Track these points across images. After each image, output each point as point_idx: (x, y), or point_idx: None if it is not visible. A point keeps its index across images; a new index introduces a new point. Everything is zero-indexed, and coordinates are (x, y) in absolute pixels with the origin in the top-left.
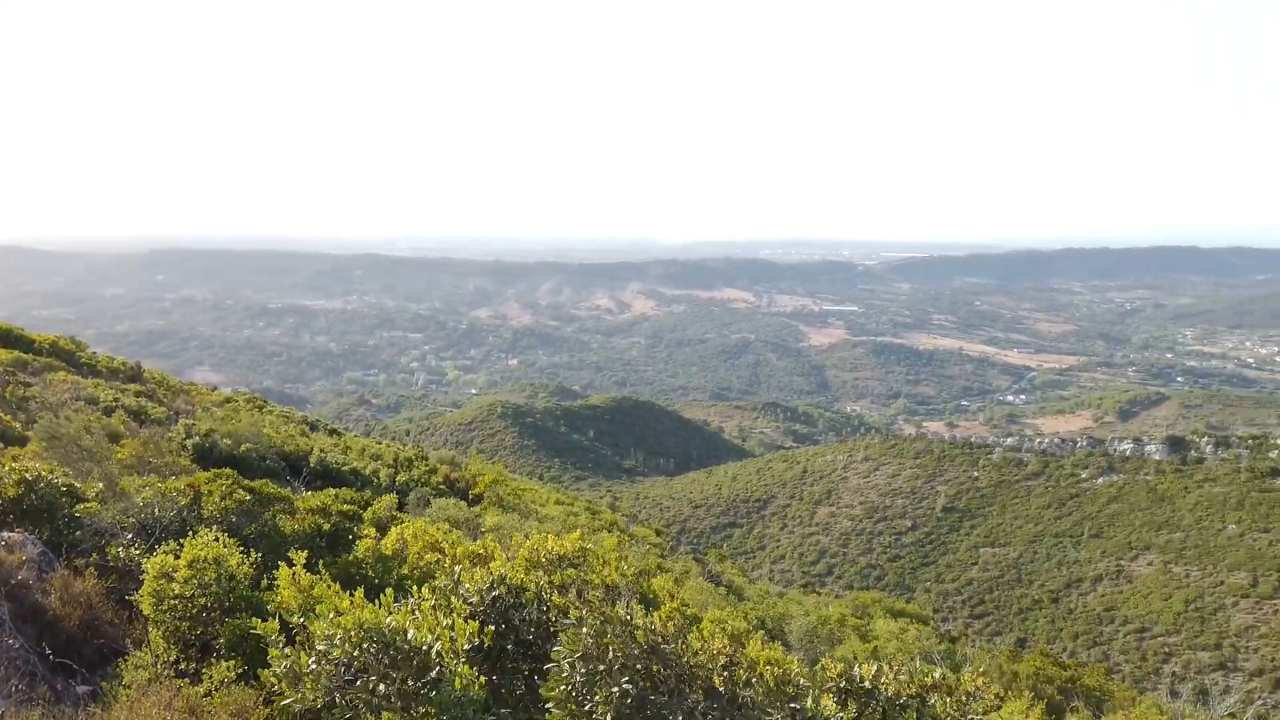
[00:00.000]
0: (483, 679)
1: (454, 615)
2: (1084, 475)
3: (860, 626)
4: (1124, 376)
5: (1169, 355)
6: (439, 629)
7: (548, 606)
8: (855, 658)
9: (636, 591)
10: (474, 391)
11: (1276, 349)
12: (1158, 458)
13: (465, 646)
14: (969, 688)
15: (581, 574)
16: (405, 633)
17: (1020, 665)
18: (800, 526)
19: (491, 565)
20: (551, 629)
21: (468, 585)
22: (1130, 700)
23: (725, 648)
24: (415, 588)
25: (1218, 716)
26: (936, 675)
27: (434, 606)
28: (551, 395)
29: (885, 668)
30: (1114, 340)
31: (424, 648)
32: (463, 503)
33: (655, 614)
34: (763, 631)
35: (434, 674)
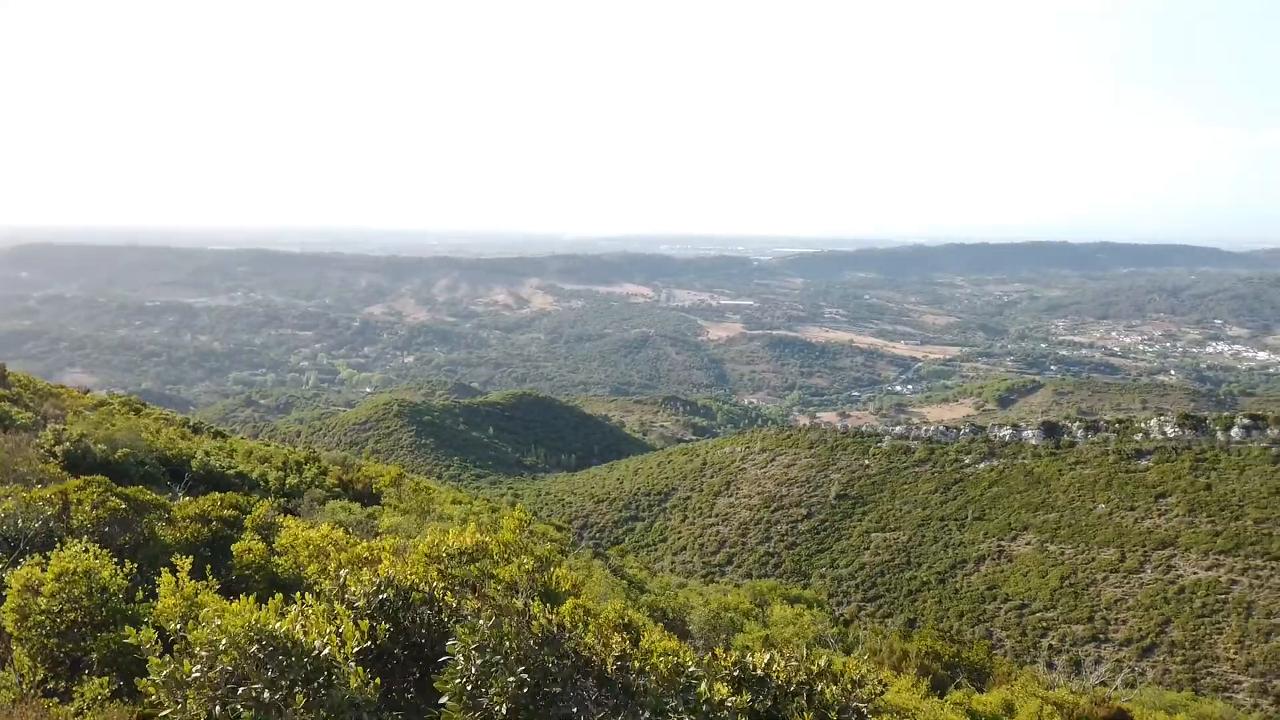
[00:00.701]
0: (377, 680)
1: (341, 619)
2: (967, 461)
3: (758, 614)
4: (1003, 366)
5: (1043, 345)
6: (327, 633)
7: (439, 607)
8: (752, 646)
9: (538, 585)
10: (369, 390)
11: (1139, 338)
12: (1034, 443)
13: (355, 649)
14: (854, 674)
15: (482, 567)
16: (293, 637)
17: (910, 645)
18: (700, 518)
19: (379, 567)
20: (444, 629)
21: (354, 589)
22: (1010, 673)
23: (621, 640)
24: (299, 594)
25: (1089, 685)
26: (823, 662)
27: (322, 611)
28: (450, 393)
29: (777, 656)
30: (993, 331)
31: (313, 651)
32: (356, 505)
33: (558, 608)
34: (663, 623)
35: (324, 677)
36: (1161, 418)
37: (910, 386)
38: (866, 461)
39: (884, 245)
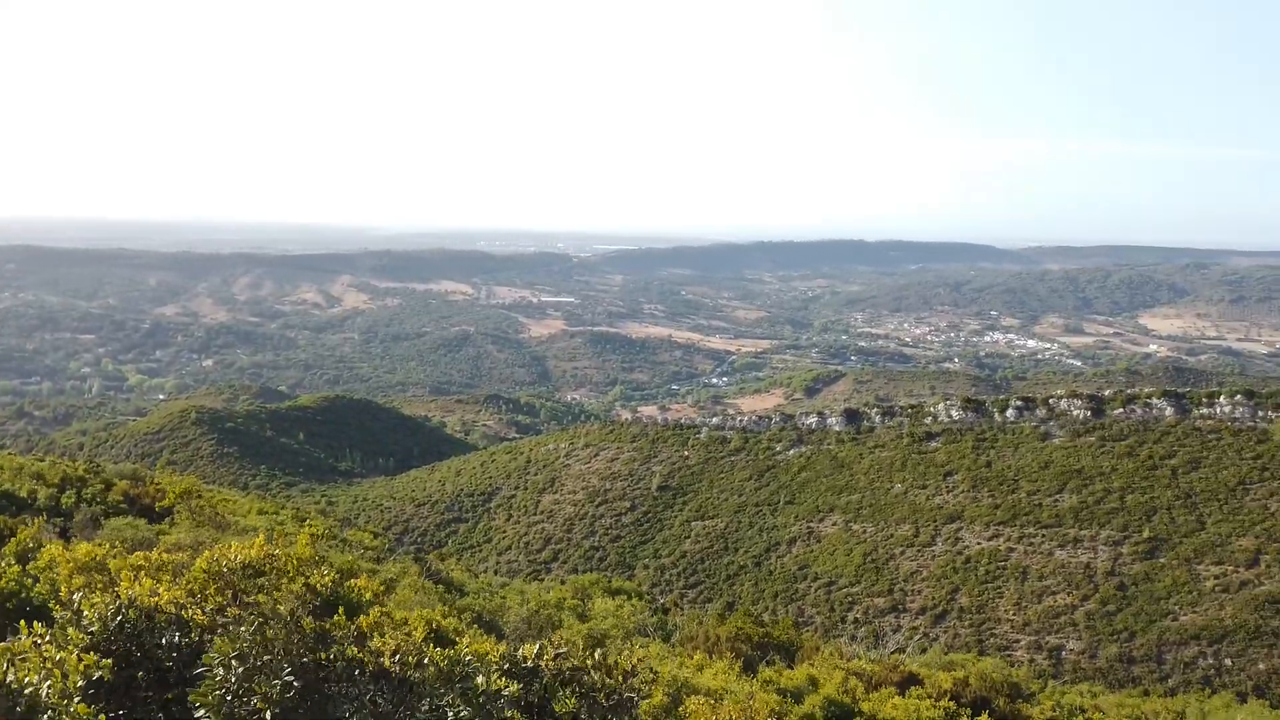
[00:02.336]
0: (103, 717)
1: (70, 649)
2: (778, 449)
3: (580, 608)
4: (809, 357)
5: (844, 337)
6: (46, 666)
7: (190, 626)
8: (570, 639)
9: (338, 596)
10: (162, 397)
11: (928, 329)
12: (838, 429)
13: (80, 683)
14: (626, 665)
15: (269, 581)
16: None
17: (723, 628)
18: (526, 516)
19: (120, 588)
20: (199, 648)
21: (88, 613)
22: (816, 648)
23: (403, 640)
24: (23, 623)
25: (886, 654)
26: (597, 654)
27: (49, 641)
28: (255, 397)
29: (547, 646)
30: (799, 325)
31: (28, 690)
32: (143, 521)
33: (355, 618)
34: (478, 625)
35: (45, 718)
36: (947, 402)
37: (726, 379)
38: (686, 453)
39: (698, 243)
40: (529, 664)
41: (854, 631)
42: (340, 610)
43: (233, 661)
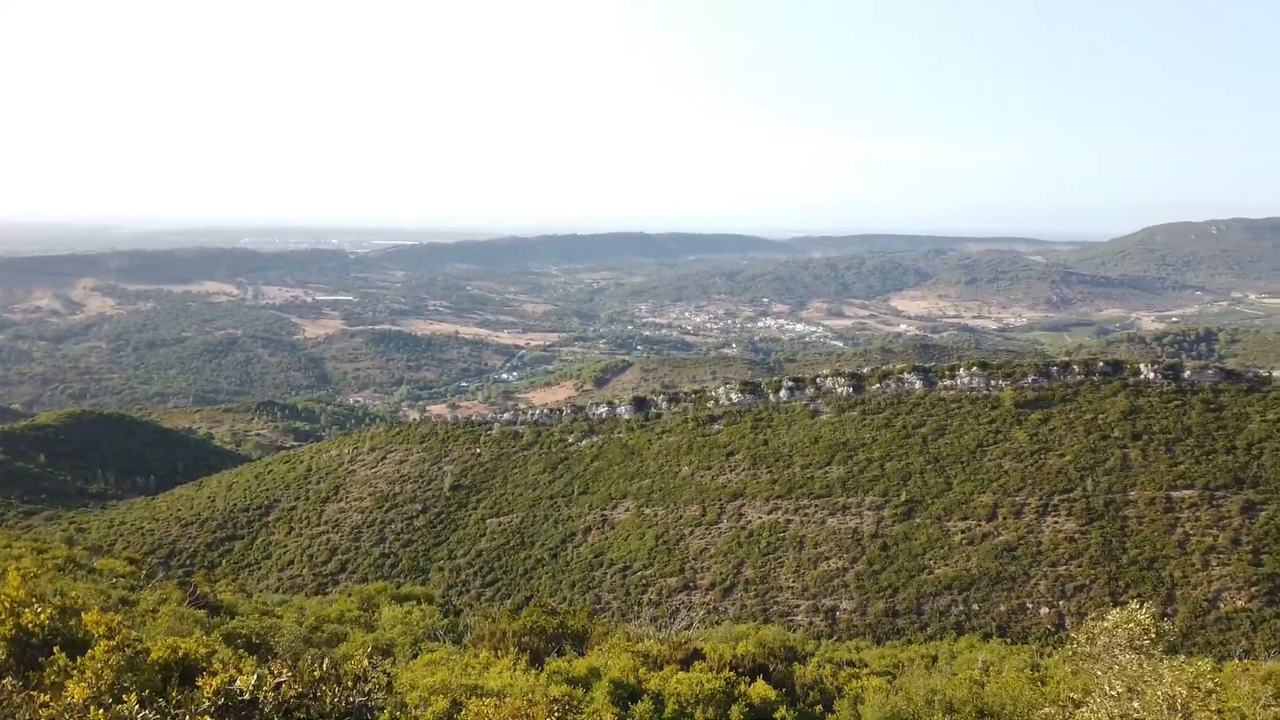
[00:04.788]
0: None
1: None
2: (570, 440)
3: (365, 619)
4: (597, 348)
5: (630, 327)
6: None
7: None
8: (353, 654)
9: (57, 635)
10: None
11: (707, 317)
12: (627, 417)
13: None
14: (357, 670)
15: None
16: None
17: (514, 624)
18: (308, 528)
19: None
20: None
21: None
22: (608, 633)
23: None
24: None
25: (674, 632)
26: (325, 666)
27: None
28: None
29: (268, 674)
30: (587, 317)
31: None
32: None
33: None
34: (244, 649)
35: None
36: (727, 386)
37: (516, 373)
38: (478, 450)
39: (482, 237)
40: (246, 697)
41: (650, 613)
42: (57, 650)
43: None
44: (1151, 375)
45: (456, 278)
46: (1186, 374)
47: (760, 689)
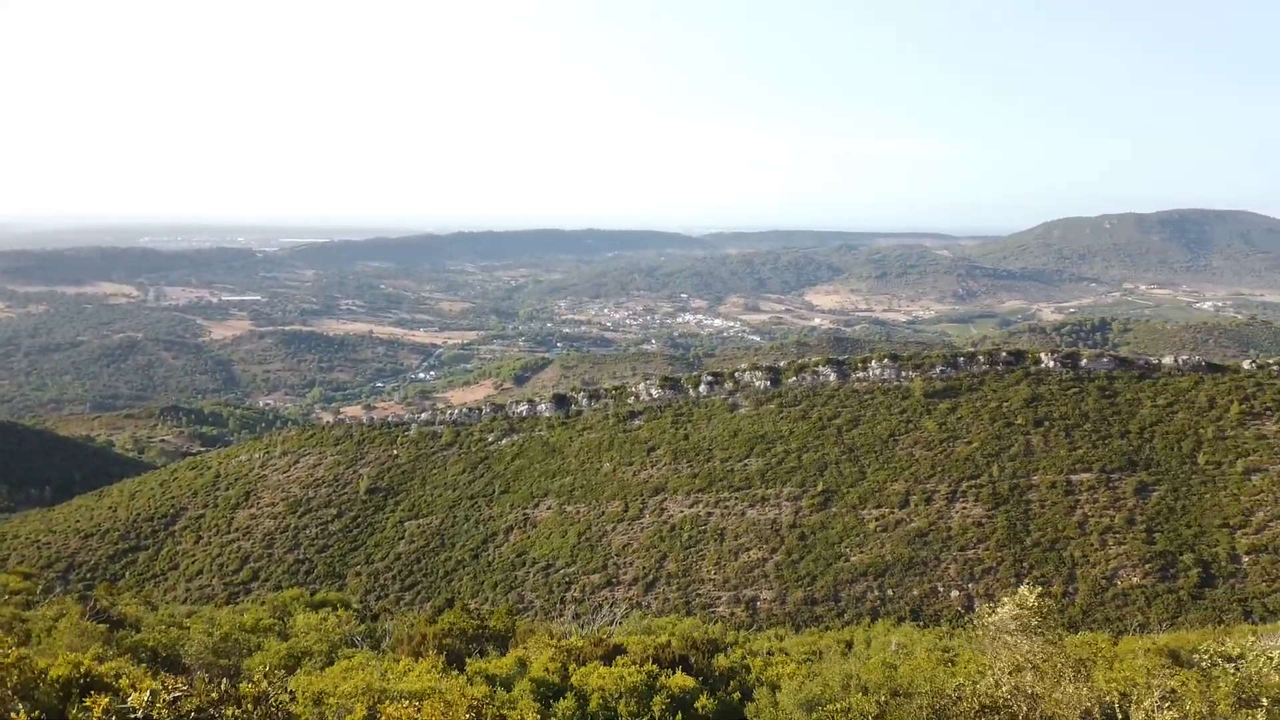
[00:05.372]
0: None
1: None
2: (490, 439)
3: (279, 627)
4: (516, 346)
5: (549, 324)
6: None
7: None
8: (263, 664)
9: None
10: None
11: (626, 313)
12: (548, 415)
13: None
14: (255, 691)
15: None
16: None
17: (434, 627)
18: (218, 536)
19: None
20: None
21: None
22: (529, 632)
23: None
24: None
25: (598, 626)
26: (224, 686)
27: None
28: None
29: (162, 690)
30: (505, 315)
31: None
32: None
33: None
34: (148, 664)
35: None
36: (648, 381)
37: (433, 373)
38: (395, 451)
39: (396, 234)
40: (139, 714)
41: (573, 610)
42: None
43: None
44: (1051, 364)
45: (370, 276)
46: (1083, 362)
47: (681, 680)
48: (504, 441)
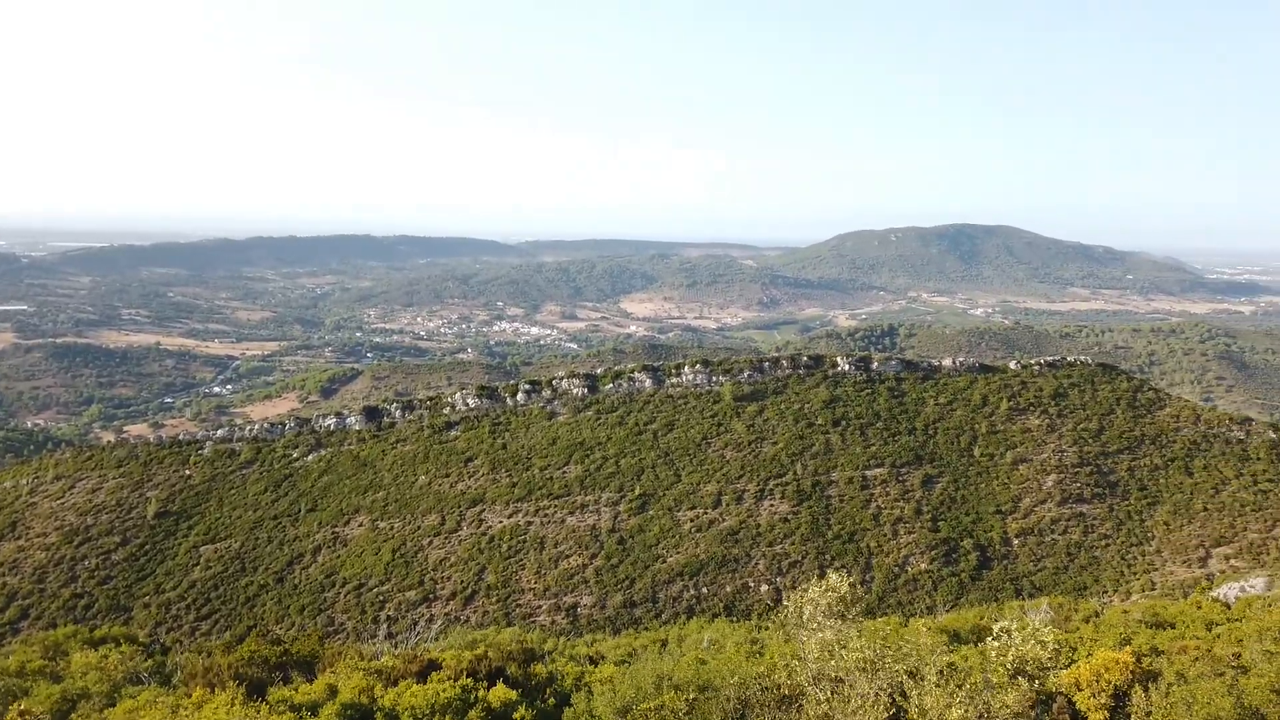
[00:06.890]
0: None
1: None
2: (295, 455)
3: (51, 668)
4: (323, 357)
5: (358, 334)
6: None
7: None
8: (31, 710)
9: None
10: None
11: (441, 322)
12: (358, 428)
13: None
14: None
15: None
16: None
17: (230, 657)
18: None
19: None
20: None
21: None
22: (338, 655)
23: None
24: None
25: (414, 643)
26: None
27: None
28: None
29: None
30: (310, 324)
31: None
32: None
33: None
34: None
35: None
36: (464, 391)
37: (230, 386)
38: (188, 472)
39: (186, 239)
40: None
41: (389, 629)
42: None
43: None
44: (847, 367)
45: (156, 283)
46: (875, 365)
47: (500, 692)
48: (310, 457)
